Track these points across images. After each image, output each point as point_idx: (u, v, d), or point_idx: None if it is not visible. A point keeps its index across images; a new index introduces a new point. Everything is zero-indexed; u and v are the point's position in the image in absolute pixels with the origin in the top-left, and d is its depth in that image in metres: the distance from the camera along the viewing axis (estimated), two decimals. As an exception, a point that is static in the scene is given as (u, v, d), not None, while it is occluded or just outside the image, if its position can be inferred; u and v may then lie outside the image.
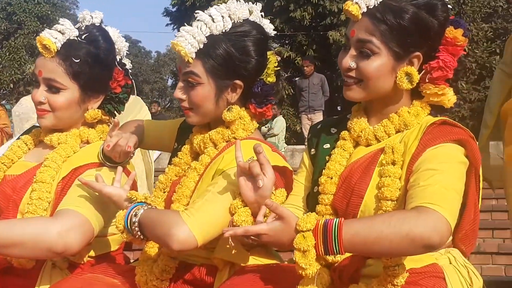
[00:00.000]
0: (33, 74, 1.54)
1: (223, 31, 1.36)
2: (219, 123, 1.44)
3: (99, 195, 1.42)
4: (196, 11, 1.39)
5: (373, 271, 1.21)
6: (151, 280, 1.38)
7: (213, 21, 1.36)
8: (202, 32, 1.35)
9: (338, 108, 13.81)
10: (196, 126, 1.49)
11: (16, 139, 1.68)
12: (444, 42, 1.27)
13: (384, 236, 1.05)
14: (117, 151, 1.48)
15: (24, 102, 4.69)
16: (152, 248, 1.42)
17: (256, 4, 1.42)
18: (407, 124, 1.28)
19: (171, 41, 1.34)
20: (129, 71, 1.67)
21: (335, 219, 1.08)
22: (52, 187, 1.48)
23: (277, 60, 1.46)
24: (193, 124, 1.47)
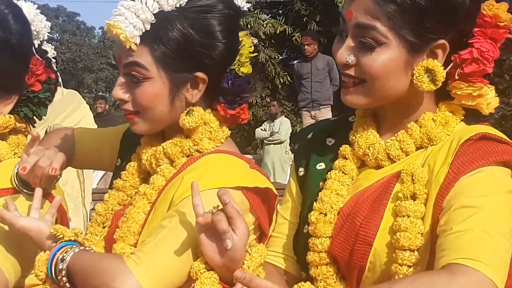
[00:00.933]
0: None
1: (177, 6, 1.38)
2: (176, 131, 1.45)
3: (12, 230, 1.42)
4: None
5: None
6: None
7: (163, -8, 1.37)
8: (149, 8, 1.36)
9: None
10: (145, 136, 1.50)
11: None
12: (481, 23, 1.26)
13: None
14: (37, 175, 1.48)
15: None
16: None
17: None
18: (432, 138, 1.29)
19: (106, 22, 1.35)
20: (53, 61, 1.67)
21: None
22: None
23: (253, 44, 1.47)
24: (141, 134, 1.48)
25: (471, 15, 1.25)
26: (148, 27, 1.36)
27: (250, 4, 1.48)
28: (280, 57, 16.54)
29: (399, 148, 1.30)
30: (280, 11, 16.80)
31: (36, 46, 1.62)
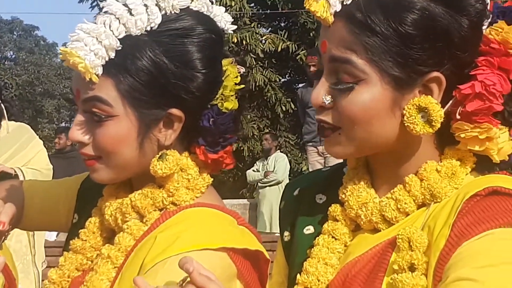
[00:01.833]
0: None
1: (148, 30, 1.40)
2: (147, 180, 1.46)
3: None
4: (104, -3, 1.43)
5: None
6: None
7: (131, 13, 1.39)
8: (113, 33, 1.38)
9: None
10: (109, 186, 1.51)
11: None
12: (486, 51, 1.24)
13: None
14: None
15: None
16: None
17: None
18: (436, 194, 1.26)
19: (61, 49, 1.37)
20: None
21: None
22: None
23: (239, 74, 1.49)
24: (103, 183, 1.49)
25: (471, 42, 1.24)
26: (113, 55, 1.38)
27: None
28: (282, 80, 16.60)
29: (396, 209, 1.28)
30: (282, 24, 16.88)
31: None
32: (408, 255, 1.21)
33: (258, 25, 16.18)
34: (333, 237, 1.32)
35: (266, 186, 9.97)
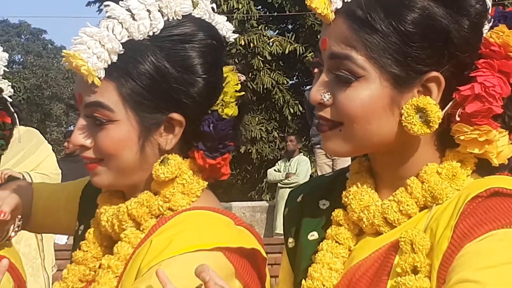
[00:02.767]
0: None
1: (151, 35, 1.41)
2: (140, 189, 1.47)
3: None
4: (107, 1, 1.43)
5: None
6: None
7: (134, 18, 1.40)
8: (116, 37, 1.39)
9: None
10: (103, 193, 1.52)
11: None
12: (487, 53, 1.24)
13: None
14: None
15: None
16: None
17: None
18: (437, 196, 1.26)
19: (64, 52, 1.38)
20: (9, 101, 1.71)
21: None
22: None
23: (240, 81, 1.50)
24: (103, 187, 1.50)
25: (471, 43, 1.25)
26: (115, 59, 1.39)
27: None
28: (290, 82, 16.58)
29: (398, 211, 1.28)
30: (290, 27, 16.87)
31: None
32: (411, 258, 1.21)
33: (266, 28, 16.17)
34: (337, 242, 1.32)
35: (286, 187, 9.96)
